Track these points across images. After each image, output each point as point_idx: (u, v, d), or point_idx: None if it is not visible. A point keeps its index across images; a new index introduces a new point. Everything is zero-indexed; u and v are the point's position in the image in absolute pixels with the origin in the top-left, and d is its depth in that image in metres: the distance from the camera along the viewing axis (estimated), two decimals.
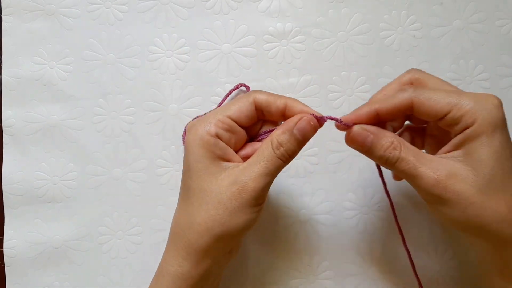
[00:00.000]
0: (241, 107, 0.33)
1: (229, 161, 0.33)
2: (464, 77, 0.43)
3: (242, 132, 0.34)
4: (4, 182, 0.44)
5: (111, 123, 0.44)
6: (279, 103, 0.33)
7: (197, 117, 0.41)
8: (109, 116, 0.44)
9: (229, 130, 0.33)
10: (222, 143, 0.33)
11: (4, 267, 0.43)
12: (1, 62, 0.45)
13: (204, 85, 0.44)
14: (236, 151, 0.34)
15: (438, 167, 0.30)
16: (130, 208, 0.43)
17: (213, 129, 0.32)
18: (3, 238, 0.44)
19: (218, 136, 0.32)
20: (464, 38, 0.44)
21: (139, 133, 0.44)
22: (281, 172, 0.43)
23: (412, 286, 0.42)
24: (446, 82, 0.33)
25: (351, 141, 0.32)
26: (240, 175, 0.32)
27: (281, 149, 0.32)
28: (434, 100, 0.30)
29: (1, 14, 0.45)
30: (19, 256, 0.43)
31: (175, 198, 0.43)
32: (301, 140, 0.32)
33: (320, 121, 0.33)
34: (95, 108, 0.44)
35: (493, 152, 0.29)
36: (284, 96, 0.34)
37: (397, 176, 0.37)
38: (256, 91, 0.34)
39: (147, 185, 0.43)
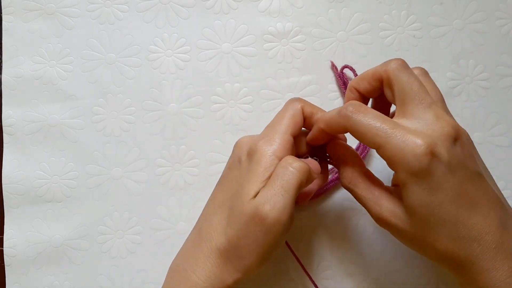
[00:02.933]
0: (297, 122, 0.34)
1: None
2: (464, 76, 0.43)
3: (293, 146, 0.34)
4: (4, 181, 0.44)
5: (111, 123, 0.44)
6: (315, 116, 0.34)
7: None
8: (109, 115, 0.44)
9: (291, 148, 0.33)
10: None
11: (4, 266, 0.43)
12: (1, 62, 0.45)
13: (204, 84, 0.44)
14: None
15: (380, 203, 0.31)
16: (130, 208, 0.43)
17: (279, 152, 0.32)
18: (3, 238, 0.44)
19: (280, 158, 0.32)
20: (464, 38, 0.44)
21: (139, 133, 0.44)
22: None
23: (412, 285, 0.42)
24: (423, 96, 0.30)
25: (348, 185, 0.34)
26: (261, 199, 0.32)
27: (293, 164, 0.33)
28: (363, 136, 0.30)
29: (1, 13, 0.45)
30: (19, 256, 0.43)
31: (175, 198, 0.43)
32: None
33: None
34: (95, 107, 0.44)
35: (416, 203, 0.29)
36: (317, 108, 0.35)
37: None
38: (299, 100, 0.34)
39: (147, 185, 0.43)
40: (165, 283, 0.35)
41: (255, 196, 0.31)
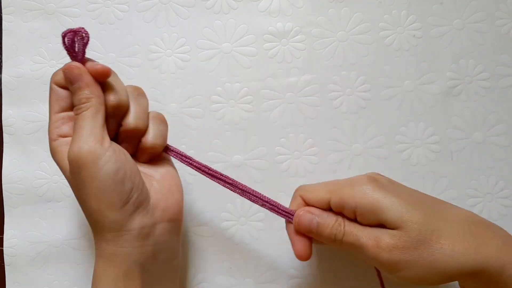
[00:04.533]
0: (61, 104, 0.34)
1: None
2: (464, 76, 0.43)
3: None
4: (4, 181, 0.44)
5: None
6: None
7: None
8: None
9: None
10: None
11: (4, 266, 0.44)
12: (1, 61, 0.45)
13: (204, 84, 0.44)
14: None
15: (374, 233, 0.31)
16: None
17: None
18: (3, 237, 0.44)
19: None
20: (464, 37, 0.44)
21: None
22: (280, 171, 0.43)
23: (413, 286, 0.42)
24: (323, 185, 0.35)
25: (298, 225, 0.34)
26: None
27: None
28: (314, 191, 0.34)
29: (2, 13, 0.45)
30: (19, 255, 0.43)
31: None
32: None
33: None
34: None
35: (398, 210, 0.31)
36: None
37: (300, 252, 0.36)
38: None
39: None
40: None
41: None
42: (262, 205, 0.36)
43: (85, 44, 0.33)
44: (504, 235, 0.31)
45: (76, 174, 0.31)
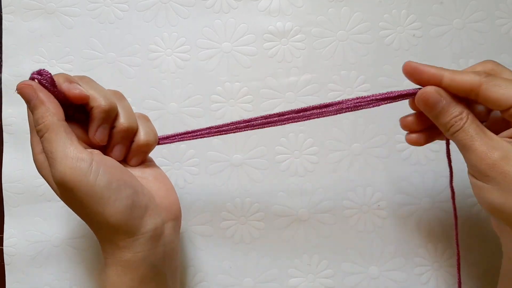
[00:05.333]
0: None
1: None
2: None
3: None
4: (4, 180, 0.44)
5: None
6: None
7: None
8: None
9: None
10: None
11: (4, 265, 0.44)
12: (2, 61, 0.45)
13: (204, 84, 0.44)
14: None
15: (494, 145, 0.30)
16: None
17: None
18: (3, 237, 0.44)
19: None
20: (464, 37, 0.44)
21: None
22: (280, 171, 0.43)
23: (412, 284, 0.42)
24: None
25: (423, 101, 0.32)
26: None
27: None
28: (504, 89, 0.30)
29: (2, 12, 0.45)
30: (19, 255, 0.43)
31: None
32: None
33: None
34: None
35: None
36: None
37: (413, 139, 0.35)
38: None
39: None
40: None
41: None
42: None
43: (50, 81, 0.31)
44: None
45: (70, 197, 0.31)
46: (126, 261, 0.32)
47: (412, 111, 0.35)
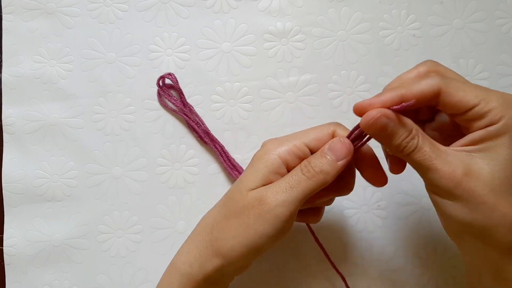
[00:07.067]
0: (319, 137, 0.33)
1: None
2: (464, 76, 0.43)
3: None
4: (4, 180, 0.44)
5: (111, 122, 0.44)
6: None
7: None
8: (109, 114, 0.44)
9: (302, 157, 0.33)
10: (284, 169, 0.33)
11: (4, 265, 0.43)
12: (1, 61, 0.45)
13: (204, 84, 0.44)
14: None
15: (454, 162, 0.28)
16: (130, 207, 0.43)
17: (283, 153, 0.32)
18: (3, 237, 0.44)
19: (286, 161, 0.32)
20: (464, 37, 0.44)
21: (139, 132, 0.44)
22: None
23: (412, 284, 0.42)
24: (462, 77, 0.31)
25: (369, 127, 0.29)
26: (264, 190, 0.32)
27: (309, 166, 0.32)
28: (463, 91, 0.29)
29: (2, 12, 0.45)
30: (19, 255, 0.43)
31: (175, 197, 0.43)
32: (333, 159, 0.31)
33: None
34: (95, 106, 0.44)
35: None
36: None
37: (393, 169, 0.34)
38: (337, 124, 0.34)
39: (147, 184, 0.43)
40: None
41: (254, 189, 0.32)
42: None
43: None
44: None
45: None
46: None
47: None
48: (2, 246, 0.44)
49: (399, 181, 0.43)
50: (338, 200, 0.43)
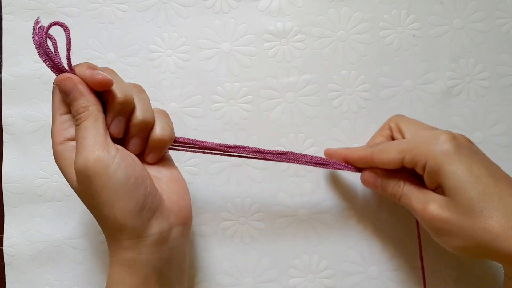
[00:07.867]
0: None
1: None
2: (464, 76, 0.43)
3: None
4: (4, 180, 0.44)
5: None
6: None
7: None
8: None
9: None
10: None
11: (4, 265, 0.44)
12: (1, 61, 0.45)
13: (204, 84, 0.44)
14: None
15: (428, 199, 0.33)
16: None
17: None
18: (3, 237, 0.44)
19: None
20: (464, 37, 0.44)
21: None
22: (280, 171, 0.43)
23: (412, 285, 0.42)
24: (425, 125, 0.36)
25: (365, 184, 0.38)
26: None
27: (76, 113, 0.33)
28: (386, 152, 0.35)
29: (2, 12, 0.45)
30: (19, 255, 0.43)
31: None
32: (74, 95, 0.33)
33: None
34: None
35: (458, 180, 0.31)
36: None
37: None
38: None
39: None
40: None
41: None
42: (309, 163, 0.39)
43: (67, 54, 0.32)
44: None
45: (86, 185, 0.31)
46: (129, 261, 0.32)
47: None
48: (2, 246, 0.44)
49: None
50: (339, 202, 0.43)
